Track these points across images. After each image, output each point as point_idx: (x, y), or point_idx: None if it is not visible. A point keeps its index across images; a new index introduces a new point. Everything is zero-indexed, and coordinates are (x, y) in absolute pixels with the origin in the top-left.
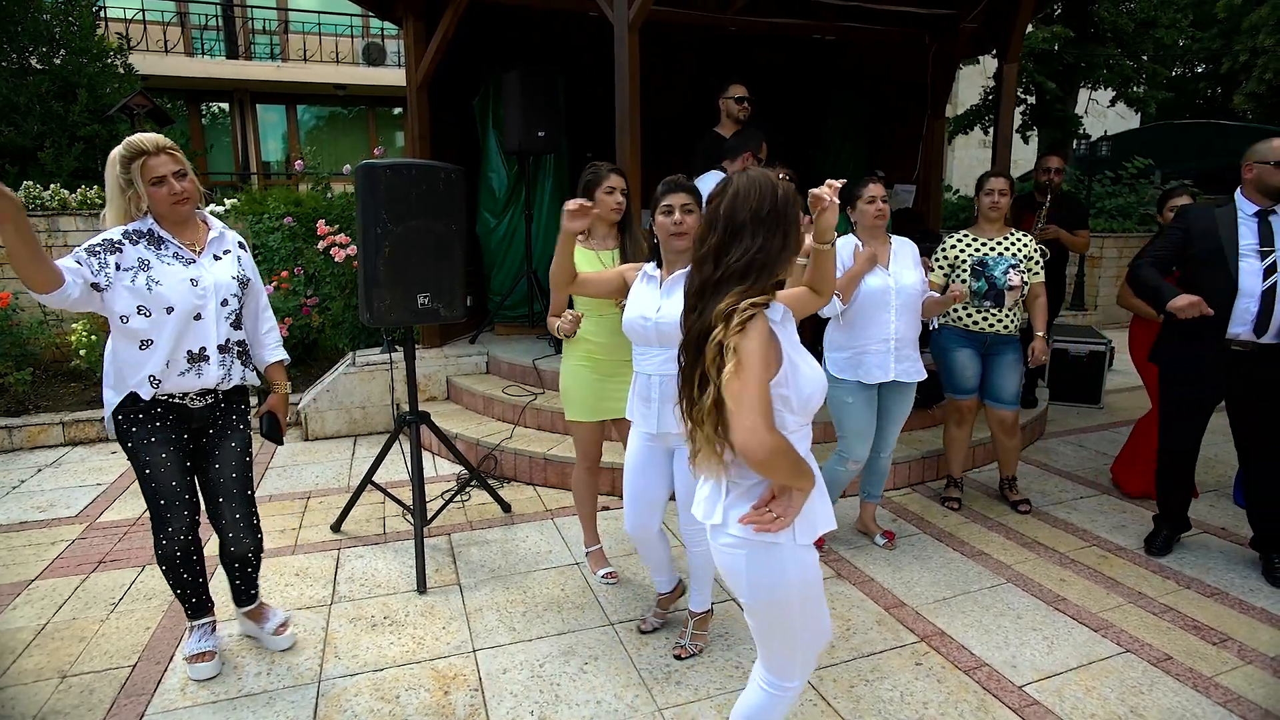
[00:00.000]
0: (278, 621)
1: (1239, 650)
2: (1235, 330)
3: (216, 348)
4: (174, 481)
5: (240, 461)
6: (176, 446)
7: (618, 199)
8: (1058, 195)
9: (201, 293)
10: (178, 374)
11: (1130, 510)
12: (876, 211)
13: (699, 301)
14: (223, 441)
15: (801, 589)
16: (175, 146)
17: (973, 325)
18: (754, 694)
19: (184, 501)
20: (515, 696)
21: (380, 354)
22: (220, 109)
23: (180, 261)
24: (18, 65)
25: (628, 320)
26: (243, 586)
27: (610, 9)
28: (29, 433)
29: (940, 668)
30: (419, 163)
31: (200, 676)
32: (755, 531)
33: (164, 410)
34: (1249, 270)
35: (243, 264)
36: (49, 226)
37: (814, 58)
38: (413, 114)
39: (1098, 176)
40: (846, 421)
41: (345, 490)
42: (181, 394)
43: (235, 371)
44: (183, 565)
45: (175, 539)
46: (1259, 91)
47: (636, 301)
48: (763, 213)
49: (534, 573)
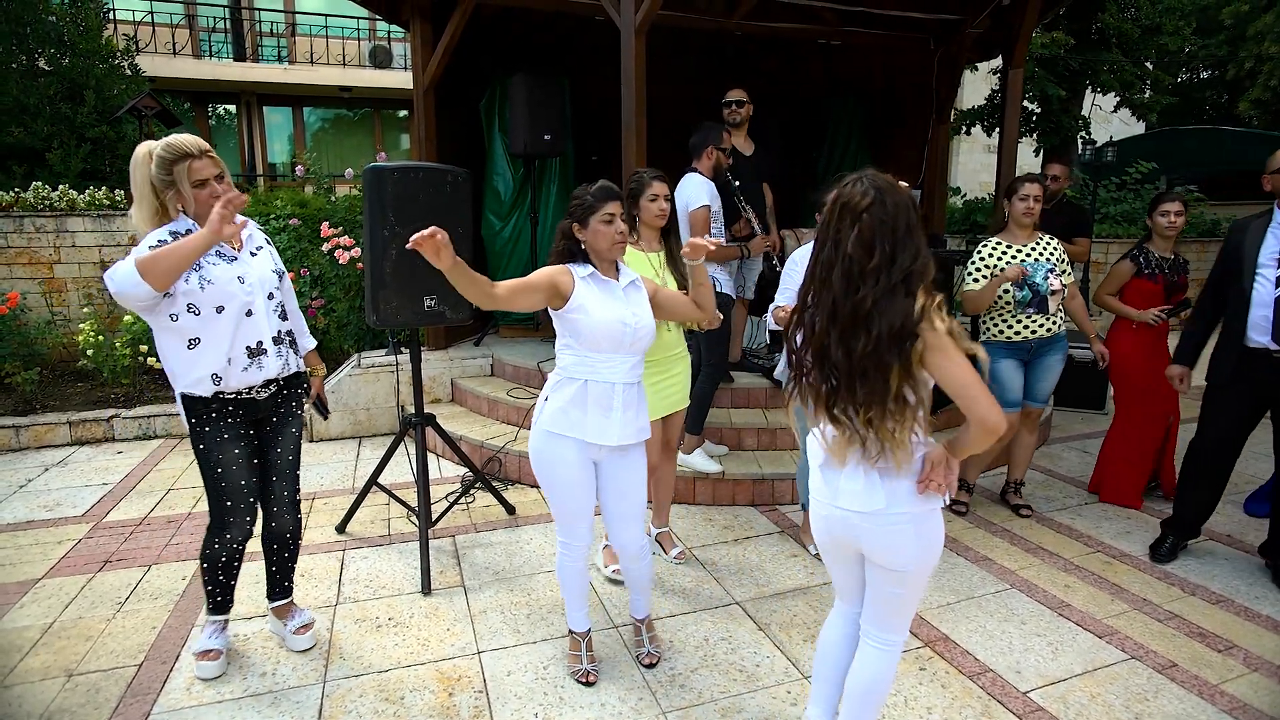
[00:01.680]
0: (300, 622)
1: (1244, 657)
2: (1257, 339)
3: (271, 340)
4: (243, 481)
5: (297, 444)
6: (246, 443)
7: (661, 205)
8: (1060, 202)
9: (249, 289)
10: (241, 370)
11: (1135, 517)
12: None
13: (867, 311)
14: (284, 427)
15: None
16: (212, 149)
17: (1016, 336)
18: (876, 658)
19: (249, 505)
20: (519, 699)
21: (385, 356)
22: (227, 110)
23: (225, 260)
24: (26, 67)
25: (603, 324)
26: (279, 575)
27: (617, 13)
28: (36, 432)
29: (944, 673)
30: (426, 165)
31: (204, 675)
32: (932, 495)
33: (234, 407)
34: (1265, 279)
35: (274, 258)
36: (57, 227)
37: (818, 61)
38: (419, 117)
39: (1103, 182)
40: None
41: (350, 491)
42: (248, 388)
43: (292, 360)
44: (224, 569)
45: (229, 545)
46: (1263, 98)
47: (604, 305)
48: (914, 219)
49: (538, 575)
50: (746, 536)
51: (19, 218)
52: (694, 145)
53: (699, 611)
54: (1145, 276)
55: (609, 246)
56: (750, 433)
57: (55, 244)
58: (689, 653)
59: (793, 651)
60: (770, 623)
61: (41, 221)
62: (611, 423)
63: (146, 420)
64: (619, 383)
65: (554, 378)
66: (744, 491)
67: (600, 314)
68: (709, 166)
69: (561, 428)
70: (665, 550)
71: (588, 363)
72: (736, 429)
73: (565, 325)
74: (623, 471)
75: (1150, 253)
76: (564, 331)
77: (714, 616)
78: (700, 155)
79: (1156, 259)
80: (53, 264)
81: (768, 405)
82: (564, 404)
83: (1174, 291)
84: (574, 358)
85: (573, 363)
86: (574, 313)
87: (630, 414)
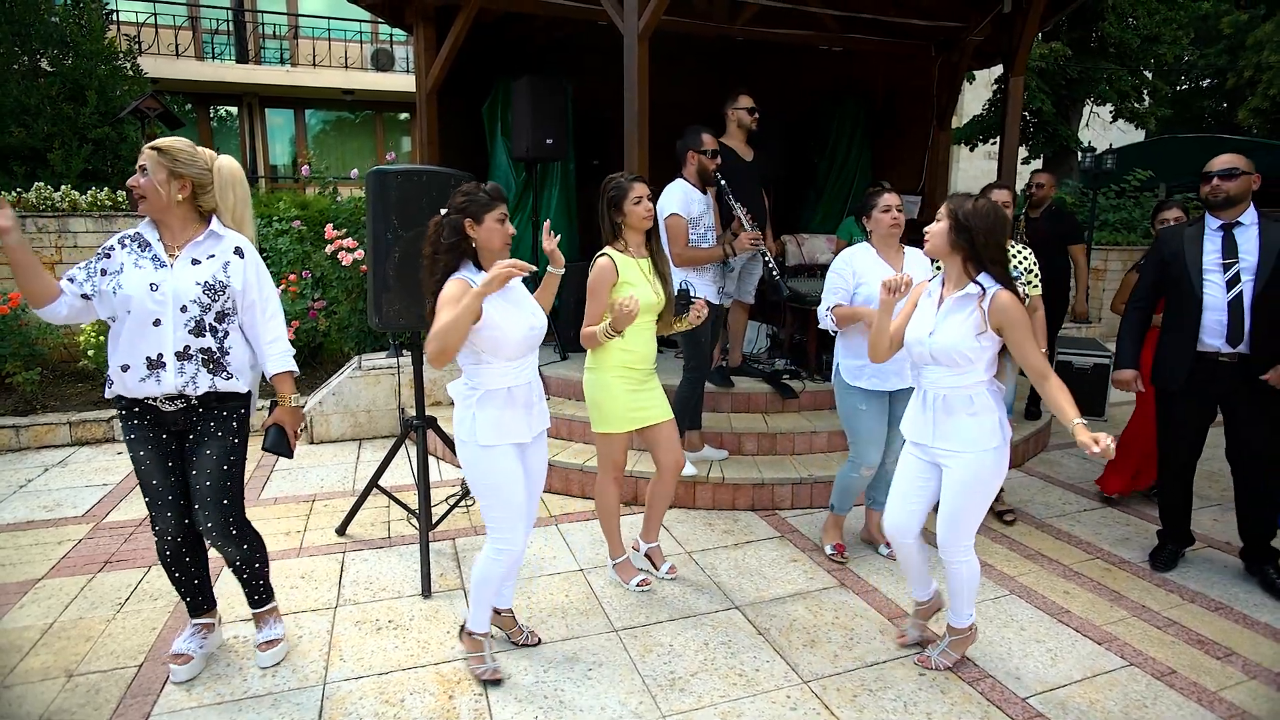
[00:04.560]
0: (264, 637)
1: (1243, 665)
2: (1211, 343)
3: (174, 354)
4: (154, 480)
5: (216, 470)
6: (156, 446)
7: (646, 207)
8: (1051, 210)
9: (160, 299)
10: (137, 379)
11: (1134, 523)
12: (892, 220)
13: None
14: (199, 449)
15: None
16: (160, 145)
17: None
18: (963, 569)
19: (165, 503)
20: (519, 702)
21: (386, 358)
22: (229, 112)
23: (154, 265)
24: (28, 67)
25: (517, 335)
26: (244, 590)
27: (620, 19)
28: (36, 432)
29: (944, 678)
30: (429, 169)
31: (174, 679)
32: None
33: (141, 410)
34: (1214, 283)
35: (228, 270)
36: (59, 227)
37: (818, 67)
38: (422, 120)
39: (1102, 189)
40: (860, 429)
41: (350, 493)
42: (148, 398)
43: (202, 379)
44: (172, 563)
45: (163, 537)
46: (1263, 107)
47: (510, 315)
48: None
49: (538, 578)
50: (746, 541)
51: (21, 218)
52: (679, 152)
53: (699, 615)
54: None
55: (502, 246)
56: (750, 437)
57: (57, 244)
58: (689, 657)
59: (792, 656)
60: (770, 627)
61: (43, 222)
62: (532, 418)
63: None
64: (532, 380)
65: (471, 393)
66: (744, 496)
67: (511, 327)
68: (694, 172)
69: (497, 438)
70: (656, 566)
71: (506, 371)
72: (737, 434)
73: (479, 341)
74: (537, 456)
75: None
76: (477, 347)
77: (714, 621)
78: (684, 162)
79: None
80: (54, 264)
81: (768, 410)
82: (496, 416)
83: None
84: (491, 370)
85: (491, 375)
86: (488, 329)
87: (540, 405)
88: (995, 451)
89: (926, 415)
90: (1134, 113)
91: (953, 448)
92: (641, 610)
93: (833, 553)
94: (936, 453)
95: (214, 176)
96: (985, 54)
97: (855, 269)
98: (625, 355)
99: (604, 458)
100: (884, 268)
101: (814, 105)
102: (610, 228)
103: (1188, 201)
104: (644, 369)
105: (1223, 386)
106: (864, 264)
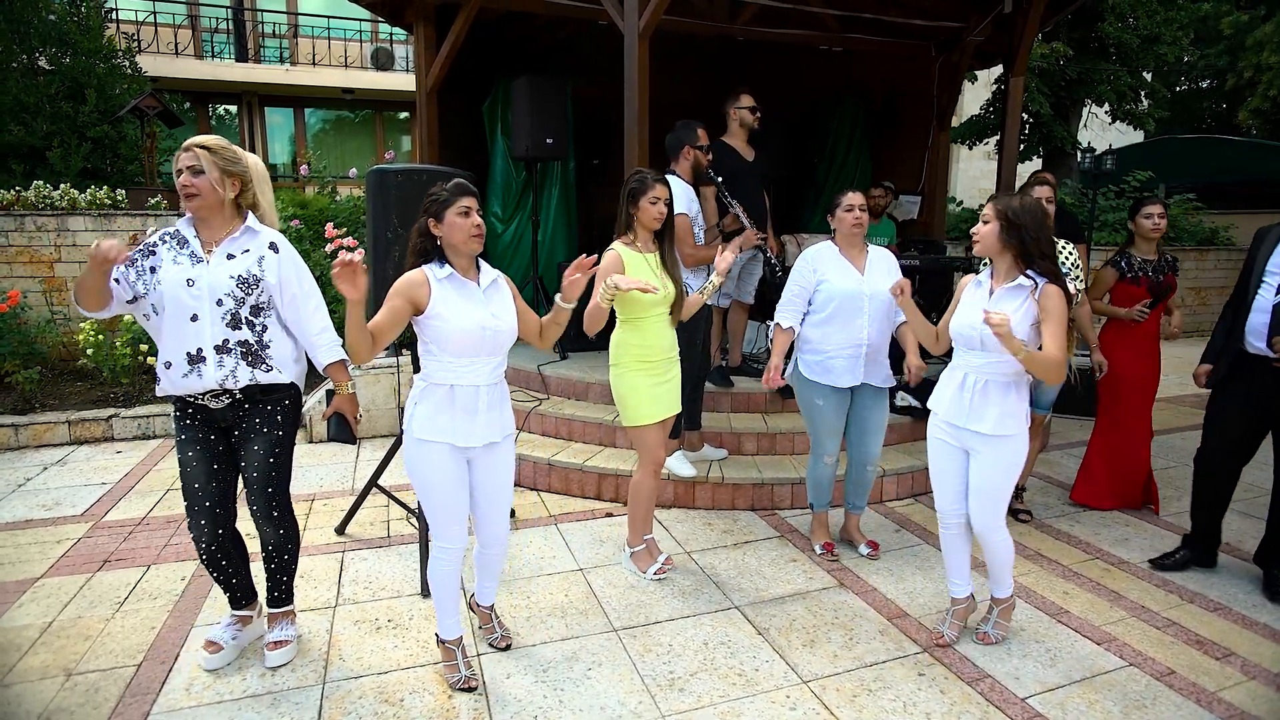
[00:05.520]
0: (275, 637)
1: (1242, 665)
2: (1254, 344)
3: (214, 348)
4: (195, 484)
5: (264, 463)
6: (204, 447)
7: (660, 209)
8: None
9: (196, 294)
10: (180, 376)
11: (1133, 524)
12: (854, 220)
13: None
14: (246, 444)
15: None
16: (208, 144)
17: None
18: (1000, 545)
19: (203, 509)
20: (519, 701)
21: (386, 357)
22: (228, 111)
23: (190, 261)
24: (27, 65)
25: (462, 330)
26: (269, 584)
27: (621, 18)
28: (35, 431)
29: (943, 679)
30: (430, 168)
31: (202, 664)
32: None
33: (193, 410)
34: (1269, 285)
35: (263, 265)
36: (58, 225)
37: (818, 67)
38: (422, 119)
39: (1102, 190)
40: (818, 422)
41: (349, 493)
42: (193, 395)
43: (242, 373)
44: (209, 564)
45: (198, 540)
46: (1263, 108)
47: (462, 310)
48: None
49: (537, 578)
50: (746, 541)
51: (20, 216)
52: (670, 146)
53: (698, 615)
54: (1129, 281)
55: (465, 239)
56: (750, 437)
57: (56, 243)
58: (688, 656)
59: (792, 656)
60: (769, 627)
61: (42, 220)
62: (476, 424)
63: (146, 420)
64: (483, 385)
65: (419, 384)
66: (744, 496)
67: (459, 320)
68: (687, 168)
69: (430, 434)
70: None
71: (450, 368)
72: (736, 434)
73: (425, 331)
74: (492, 467)
75: (1132, 257)
76: (425, 337)
77: (713, 620)
78: (677, 156)
79: (1139, 263)
80: (53, 263)
81: (767, 410)
82: (432, 411)
83: (1161, 292)
84: (436, 363)
85: (436, 368)
86: (433, 319)
87: (494, 414)
88: (1019, 438)
89: (964, 396)
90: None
91: (985, 430)
92: (641, 610)
93: (822, 552)
94: (966, 435)
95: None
96: (985, 54)
97: (816, 267)
98: (642, 349)
99: (642, 450)
100: (846, 266)
101: (814, 105)
102: (625, 218)
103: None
104: (664, 359)
105: (1265, 390)
106: (826, 262)
